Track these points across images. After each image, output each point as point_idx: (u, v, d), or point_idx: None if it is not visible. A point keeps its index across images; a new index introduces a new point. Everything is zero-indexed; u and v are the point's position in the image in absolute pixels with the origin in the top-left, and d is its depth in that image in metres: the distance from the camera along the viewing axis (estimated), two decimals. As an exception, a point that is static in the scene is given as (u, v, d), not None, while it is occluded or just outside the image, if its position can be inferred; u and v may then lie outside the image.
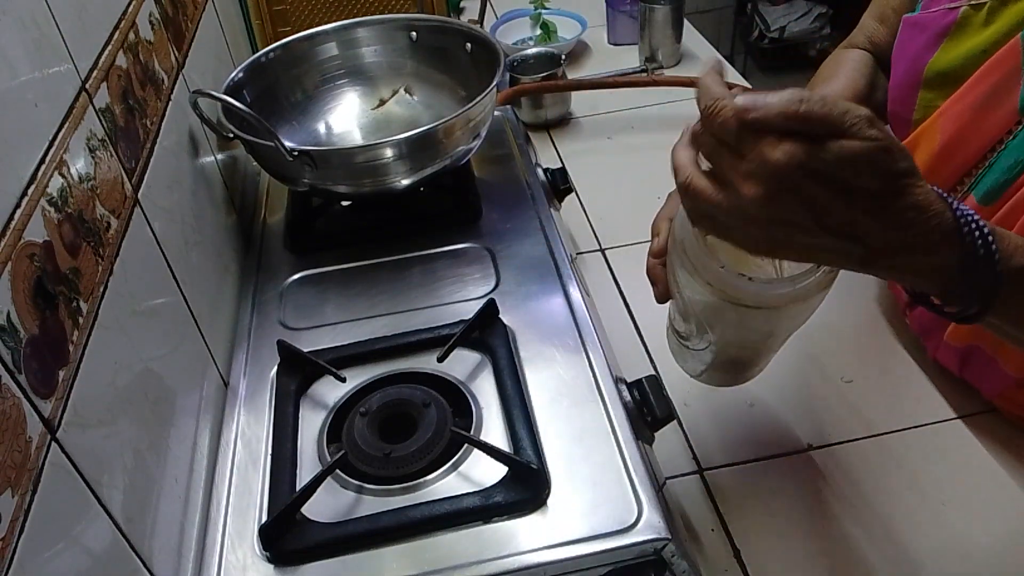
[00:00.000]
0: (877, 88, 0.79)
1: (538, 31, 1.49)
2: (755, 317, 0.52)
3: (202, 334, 0.71)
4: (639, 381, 0.67)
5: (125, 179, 0.61)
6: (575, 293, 0.77)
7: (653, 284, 0.63)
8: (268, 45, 0.98)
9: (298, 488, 0.60)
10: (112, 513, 0.49)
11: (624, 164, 1.17)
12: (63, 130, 0.53)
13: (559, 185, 0.96)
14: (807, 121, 0.40)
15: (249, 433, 0.68)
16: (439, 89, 1.02)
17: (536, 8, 1.51)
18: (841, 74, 0.79)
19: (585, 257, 1.00)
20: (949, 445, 0.73)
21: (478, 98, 0.83)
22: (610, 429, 0.63)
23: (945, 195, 0.45)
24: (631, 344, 0.87)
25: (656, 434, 0.66)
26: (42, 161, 0.49)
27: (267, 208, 0.96)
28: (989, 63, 0.64)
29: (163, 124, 0.72)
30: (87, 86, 0.58)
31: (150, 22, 0.75)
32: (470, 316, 0.72)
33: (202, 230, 0.77)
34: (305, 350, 0.72)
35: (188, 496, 0.62)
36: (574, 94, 1.28)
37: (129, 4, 0.71)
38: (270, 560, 0.58)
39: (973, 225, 0.44)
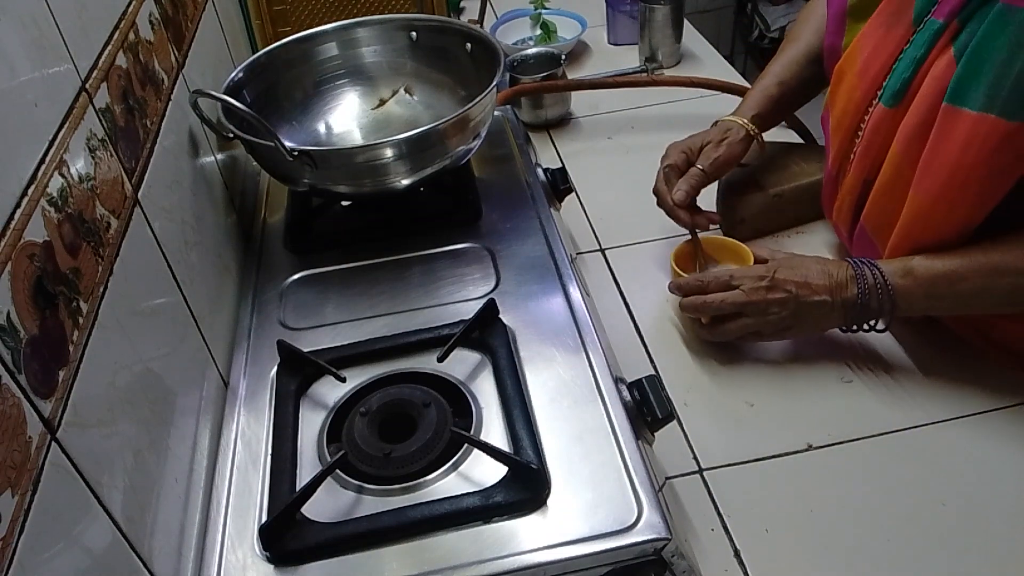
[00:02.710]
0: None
1: (538, 31, 1.49)
2: None
3: (202, 334, 0.71)
4: (639, 381, 0.67)
5: (125, 179, 0.61)
6: (575, 293, 0.77)
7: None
8: (268, 45, 0.98)
9: (298, 488, 0.60)
10: (112, 513, 0.49)
11: (624, 164, 1.17)
12: (63, 130, 0.53)
13: (559, 185, 0.96)
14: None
15: (249, 433, 0.68)
16: (439, 89, 1.02)
17: (536, 8, 1.51)
18: (803, 36, 0.96)
19: (585, 257, 1.00)
20: (949, 445, 0.73)
21: (478, 98, 0.83)
22: (610, 429, 0.63)
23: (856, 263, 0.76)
24: (631, 344, 0.87)
25: (656, 434, 0.66)
26: (42, 161, 0.49)
27: (267, 208, 0.96)
28: None
29: (163, 124, 0.72)
30: (87, 86, 0.58)
31: (150, 22, 0.75)
32: (470, 316, 0.72)
33: (202, 230, 0.77)
34: (305, 350, 0.72)
35: (188, 496, 0.62)
36: (574, 94, 1.29)
37: (129, 4, 0.71)
38: (270, 560, 0.58)
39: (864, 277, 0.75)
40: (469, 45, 0.97)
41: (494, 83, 0.85)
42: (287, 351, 0.71)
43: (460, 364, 0.71)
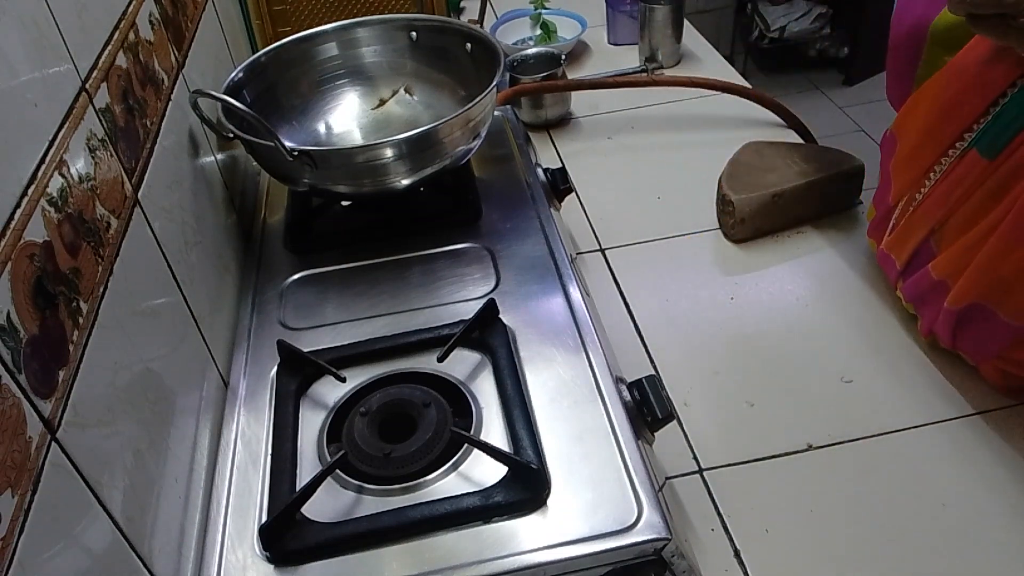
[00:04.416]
0: None
1: (538, 31, 1.49)
2: None
3: (202, 334, 0.71)
4: (639, 381, 0.67)
5: (125, 179, 0.61)
6: (575, 293, 0.77)
7: None
8: (268, 45, 0.98)
9: (298, 488, 0.60)
10: (112, 513, 0.49)
11: (624, 164, 1.17)
12: (63, 130, 0.53)
13: (559, 185, 0.96)
14: None
15: (249, 433, 0.68)
16: (439, 89, 1.02)
17: (536, 8, 1.51)
18: None
19: (585, 257, 1.00)
20: (949, 445, 0.73)
21: (478, 98, 0.83)
22: (610, 429, 0.63)
23: None
24: (631, 344, 0.87)
25: (656, 434, 0.66)
26: (42, 161, 0.49)
27: (267, 208, 0.96)
28: None
29: (163, 124, 0.72)
30: (87, 86, 0.58)
31: (150, 22, 0.75)
32: (470, 316, 0.72)
33: (202, 230, 0.77)
34: (305, 350, 0.72)
35: (188, 496, 0.62)
36: (574, 94, 1.29)
37: (129, 4, 0.71)
38: (270, 560, 0.58)
39: None
40: (469, 45, 0.97)
41: (494, 83, 0.85)
42: (287, 351, 0.71)
43: (460, 364, 0.71)
